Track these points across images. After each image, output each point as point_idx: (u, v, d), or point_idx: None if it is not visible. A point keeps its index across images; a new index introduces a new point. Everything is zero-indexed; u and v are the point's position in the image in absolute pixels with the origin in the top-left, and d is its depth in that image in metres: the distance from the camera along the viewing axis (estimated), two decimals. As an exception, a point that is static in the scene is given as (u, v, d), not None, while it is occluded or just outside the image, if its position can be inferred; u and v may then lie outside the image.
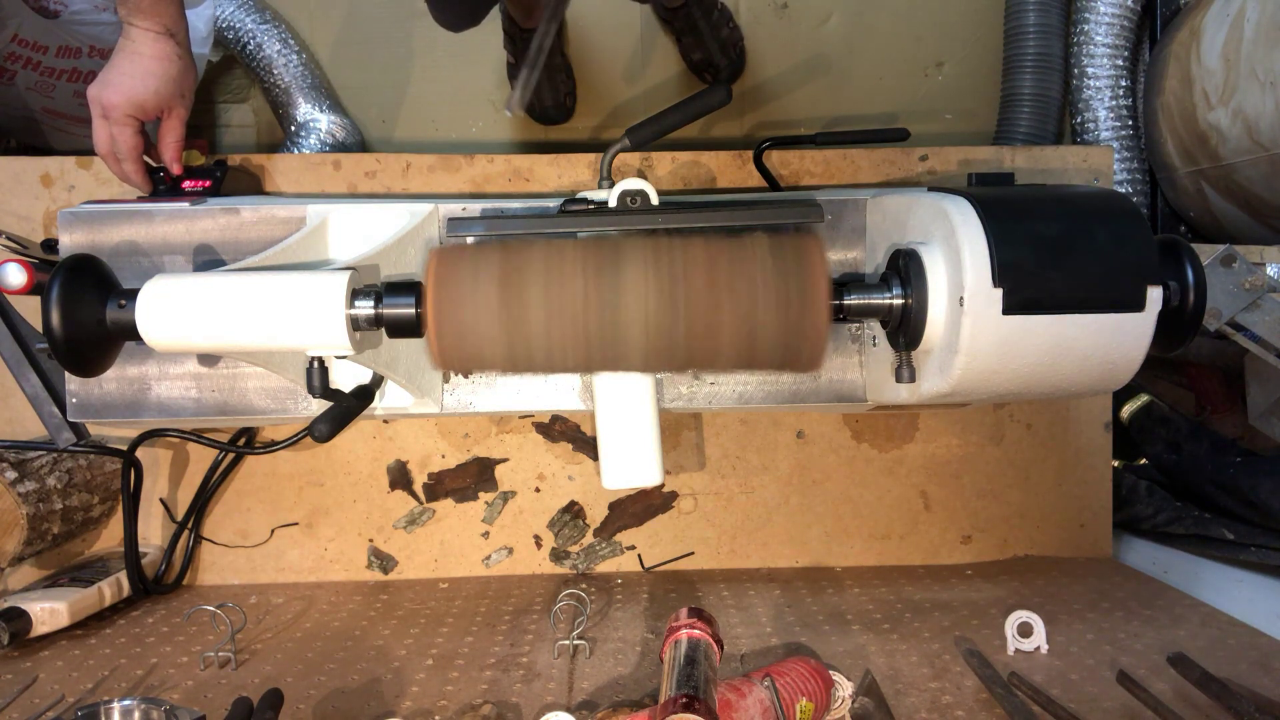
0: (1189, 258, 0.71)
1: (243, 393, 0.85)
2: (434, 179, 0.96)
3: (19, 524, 0.84)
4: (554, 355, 0.63)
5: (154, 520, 0.97)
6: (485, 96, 1.45)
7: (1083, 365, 0.69)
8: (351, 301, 0.68)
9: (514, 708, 0.71)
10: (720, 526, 1.00)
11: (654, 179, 0.96)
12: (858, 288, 0.74)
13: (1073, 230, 0.68)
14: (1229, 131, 1.20)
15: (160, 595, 0.94)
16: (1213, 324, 0.84)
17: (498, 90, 1.44)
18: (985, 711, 0.69)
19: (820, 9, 1.58)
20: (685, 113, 0.86)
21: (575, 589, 0.87)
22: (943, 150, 0.97)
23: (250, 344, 0.69)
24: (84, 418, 0.86)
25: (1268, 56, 1.10)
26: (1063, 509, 1.01)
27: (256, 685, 0.75)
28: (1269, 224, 1.25)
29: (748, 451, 1.00)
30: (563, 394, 0.89)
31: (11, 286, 0.76)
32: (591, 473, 0.99)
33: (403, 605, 0.92)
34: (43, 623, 0.82)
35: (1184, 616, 0.85)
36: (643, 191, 0.80)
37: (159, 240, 0.83)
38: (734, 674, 0.68)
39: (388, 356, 0.80)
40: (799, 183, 0.98)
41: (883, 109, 1.61)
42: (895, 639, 0.81)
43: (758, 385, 0.89)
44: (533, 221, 0.78)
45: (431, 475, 0.99)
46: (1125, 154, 1.47)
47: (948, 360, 0.69)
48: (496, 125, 1.47)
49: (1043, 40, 1.48)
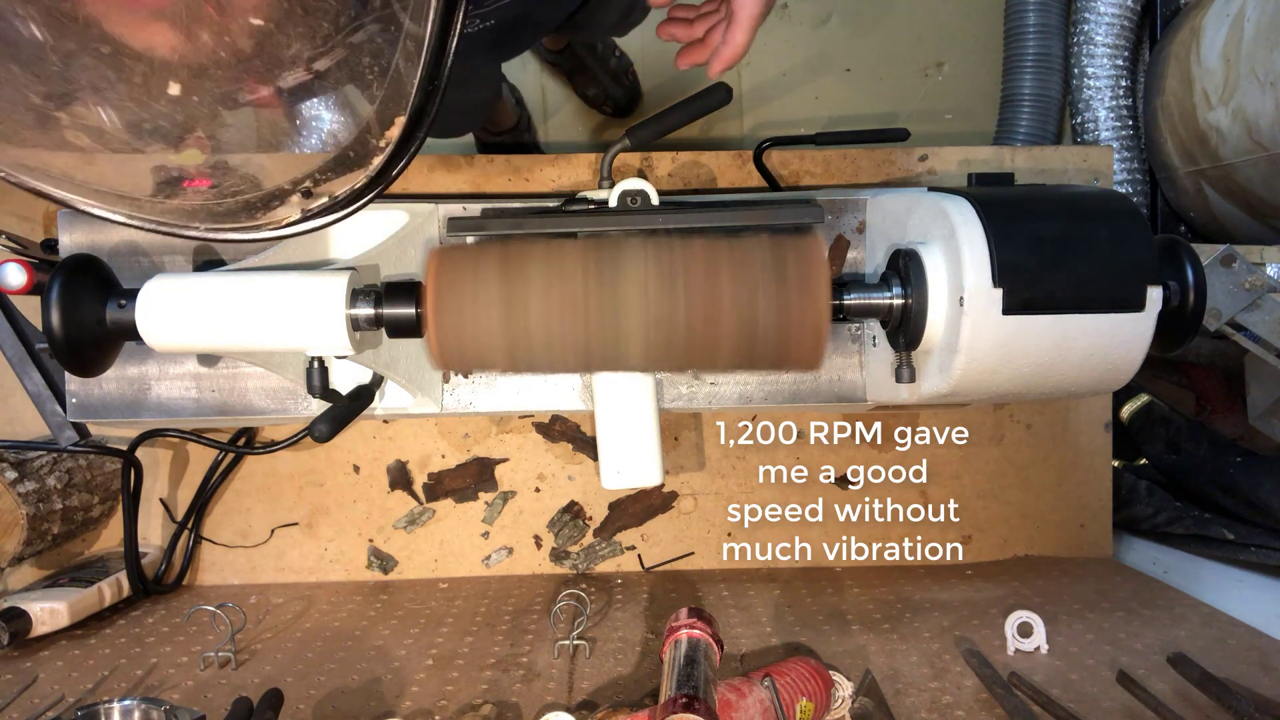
0: (1189, 258, 0.71)
1: (243, 393, 0.85)
2: (434, 179, 0.96)
3: (19, 524, 0.84)
4: (554, 355, 0.63)
5: (154, 520, 0.97)
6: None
7: (1083, 365, 0.70)
8: (351, 302, 0.68)
9: (514, 708, 0.71)
10: (720, 526, 1.00)
11: (654, 179, 0.96)
12: (858, 288, 0.74)
13: (1073, 230, 0.68)
14: (1229, 131, 1.20)
15: (160, 595, 0.94)
16: (1213, 324, 0.84)
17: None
18: (985, 711, 0.69)
19: (820, 9, 1.58)
20: (685, 113, 0.86)
21: (575, 589, 0.87)
22: (943, 150, 0.97)
23: (250, 344, 0.69)
24: (84, 418, 0.86)
25: (1268, 56, 1.10)
26: (1063, 509, 1.01)
27: (256, 685, 0.75)
28: (1269, 224, 1.25)
29: (748, 451, 1.00)
30: (563, 394, 0.89)
31: (11, 286, 0.76)
32: (591, 473, 0.99)
33: (403, 605, 0.92)
34: (43, 623, 0.82)
35: (1184, 616, 0.85)
36: (643, 191, 0.80)
37: (159, 240, 0.83)
38: (734, 674, 0.68)
39: (388, 356, 0.80)
40: (799, 183, 0.98)
41: (883, 109, 1.61)
42: (895, 639, 0.81)
43: (758, 385, 0.89)
44: (533, 221, 0.78)
45: (431, 475, 0.99)
46: (1125, 154, 1.47)
47: (948, 360, 0.69)
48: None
49: (1043, 40, 1.48)
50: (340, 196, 0.49)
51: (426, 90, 0.45)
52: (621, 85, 1.47)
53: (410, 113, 0.45)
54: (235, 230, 0.50)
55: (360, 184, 0.49)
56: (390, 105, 0.45)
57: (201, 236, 0.50)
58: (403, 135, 0.46)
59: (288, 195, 0.49)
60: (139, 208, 0.49)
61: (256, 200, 0.49)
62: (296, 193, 0.49)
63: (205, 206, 0.49)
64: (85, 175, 0.46)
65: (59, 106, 0.42)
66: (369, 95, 0.45)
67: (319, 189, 0.49)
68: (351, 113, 0.46)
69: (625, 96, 1.48)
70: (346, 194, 0.49)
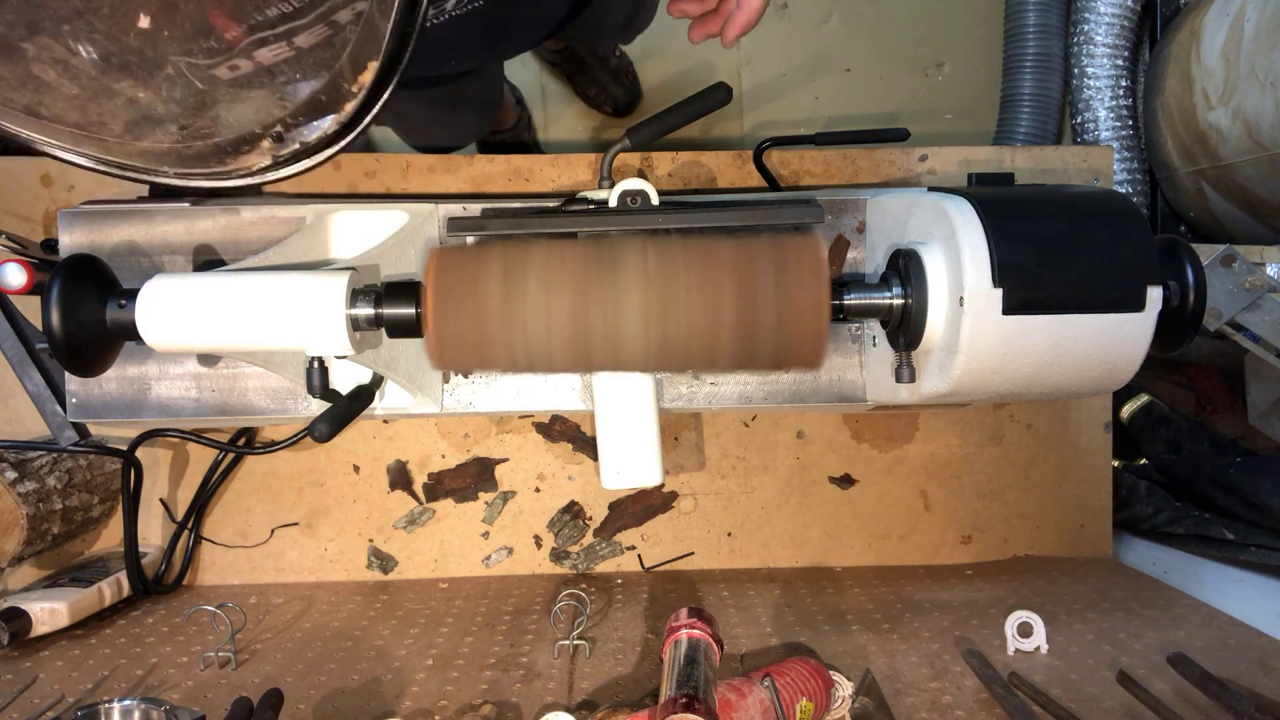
0: (1189, 258, 0.71)
1: (243, 393, 0.85)
2: (434, 179, 0.96)
3: (19, 524, 0.84)
4: (554, 355, 0.63)
5: (154, 520, 0.97)
6: (485, 97, 1.45)
7: (1083, 365, 0.70)
8: (351, 302, 0.68)
9: (514, 708, 0.71)
10: (720, 526, 1.00)
11: (654, 179, 0.96)
12: (858, 287, 0.74)
13: (1073, 230, 0.68)
14: (1229, 131, 1.20)
15: (160, 595, 0.94)
16: (1213, 324, 0.84)
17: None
18: (985, 711, 0.69)
19: (820, 9, 1.58)
20: (685, 113, 0.86)
21: (575, 589, 0.87)
22: (943, 150, 0.97)
23: (250, 344, 0.69)
24: (84, 418, 0.86)
25: (1268, 56, 1.10)
26: (1063, 509, 1.01)
27: (256, 685, 0.75)
28: (1269, 224, 1.25)
29: (748, 451, 1.00)
30: (563, 394, 0.89)
31: (11, 286, 0.76)
32: (591, 473, 0.99)
33: (403, 605, 0.92)
34: (43, 623, 0.82)
35: (1184, 616, 0.85)
36: (643, 191, 0.80)
37: (159, 240, 0.83)
38: (734, 674, 0.68)
39: (388, 356, 0.80)
40: (799, 183, 0.98)
41: (883, 109, 1.61)
42: (895, 639, 0.81)
43: (758, 385, 0.89)
44: (533, 221, 0.78)
45: (431, 475, 0.99)
46: (1125, 154, 1.47)
47: (948, 360, 0.69)
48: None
49: (1043, 40, 1.49)
50: (311, 142, 0.49)
51: (400, 35, 0.45)
52: (622, 85, 1.47)
53: (383, 58, 0.45)
54: (205, 177, 0.50)
55: (332, 130, 0.49)
56: (364, 49, 0.45)
57: (169, 182, 0.50)
58: (375, 81, 0.46)
59: (258, 140, 0.49)
60: (107, 149, 0.48)
61: (226, 144, 0.49)
62: (267, 137, 0.49)
63: (174, 150, 0.49)
64: (52, 111, 0.45)
65: (25, 37, 0.41)
66: (342, 38, 0.45)
67: (289, 134, 0.49)
68: (325, 54, 0.46)
69: (625, 96, 1.49)
70: (318, 139, 0.49)
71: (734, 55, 1.56)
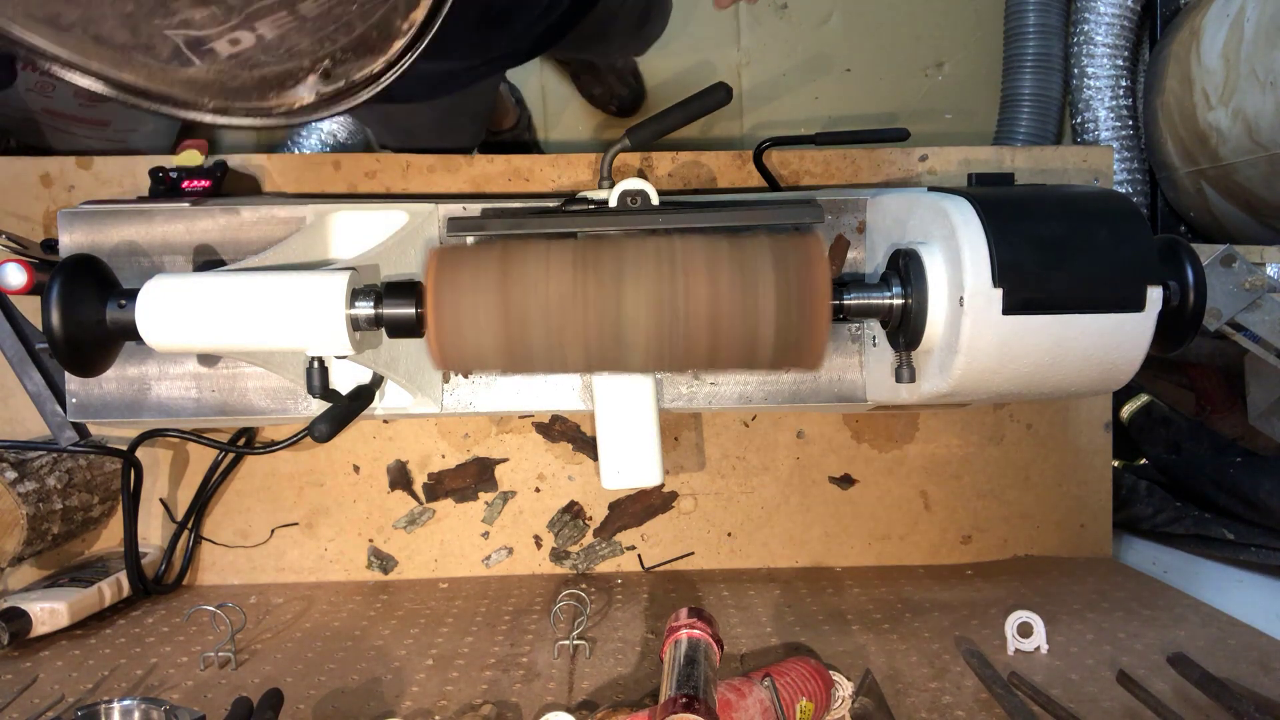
0: (1189, 258, 0.71)
1: (243, 393, 0.85)
2: (434, 179, 0.96)
3: (19, 524, 0.84)
4: (554, 355, 0.63)
5: (154, 520, 0.97)
6: (485, 97, 1.45)
7: (1083, 365, 0.70)
8: (351, 302, 0.68)
9: (514, 708, 0.71)
10: (720, 526, 1.00)
11: (654, 179, 0.96)
12: (858, 287, 0.74)
13: (1073, 230, 0.68)
14: (1229, 131, 1.20)
15: (160, 595, 0.94)
16: (1213, 324, 0.84)
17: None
18: (985, 711, 0.69)
19: (820, 9, 1.58)
20: (685, 113, 0.86)
21: (575, 589, 0.87)
22: (943, 150, 0.97)
23: (250, 344, 0.69)
24: (84, 418, 0.86)
25: (1268, 56, 1.10)
26: (1063, 509, 1.01)
27: (256, 685, 0.75)
28: (1269, 224, 1.25)
29: (748, 451, 1.00)
30: (563, 394, 0.89)
31: (11, 286, 0.76)
32: (591, 473, 0.99)
33: (403, 605, 0.92)
34: (43, 623, 0.82)
35: (1184, 616, 0.85)
36: (643, 191, 0.80)
37: (159, 240, 0.83)
38: (734, 674, 0.68)
39: (388, 356, 0.80)
40: (799, 183, 0.98)
41: (883, 109, 1.61)
42: (895, 639, 0.81)
43: (758, 385, 0.89)
44: (533, 221, 0.78)
45: (431, 475, 0.99)
46: (1125, 154, 1.47)
47: (948, 360, 0.69)
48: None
49: (1043, 40, 1.49)
50: (357, 80, 0.49)
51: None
52: (628, 85, 1.47)
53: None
54: (245, 113, 0.49)
55: (378, 69, 0.49)
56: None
57: (206, 117, 0.48)
58: (425, 18, 0.46)
59: (305, 75, 0.48)
60: (150, 75, 0.46)
61: (273, 77, 0.48)
62: (314, 73, 0.48)
63: (218, 80, 0.47)
64: (101, 30, 0.43)
65: None
66: None
67: (337, 69, 0.48)
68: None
69: (631, 96, 1.49)
70: (363, 78, 0.49)
71: (734, 55, 1.56)
